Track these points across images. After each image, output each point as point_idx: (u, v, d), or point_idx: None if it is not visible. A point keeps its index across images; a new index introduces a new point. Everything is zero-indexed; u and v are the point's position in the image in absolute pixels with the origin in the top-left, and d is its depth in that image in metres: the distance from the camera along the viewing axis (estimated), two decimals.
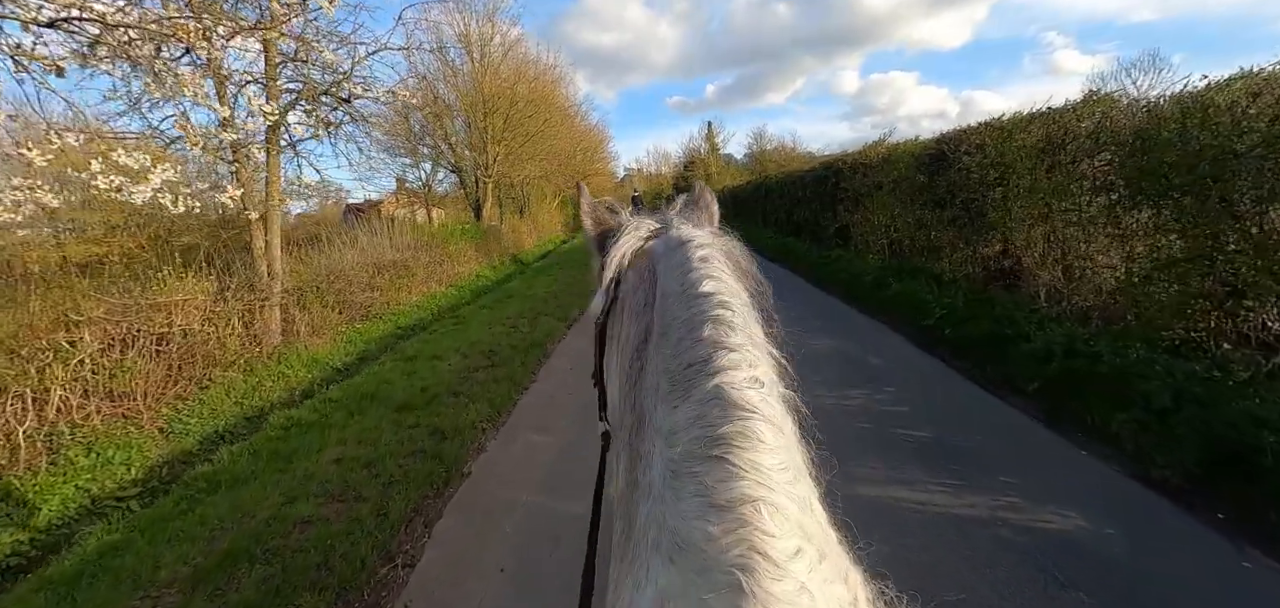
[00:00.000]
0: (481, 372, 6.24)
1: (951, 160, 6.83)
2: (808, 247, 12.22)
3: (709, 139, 48.41)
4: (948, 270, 7.14)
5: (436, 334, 8.85)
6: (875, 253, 9.24)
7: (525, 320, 8.74)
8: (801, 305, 8.13)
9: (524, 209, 27.83)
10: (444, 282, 14.80)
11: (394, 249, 12.58)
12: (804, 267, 11.15)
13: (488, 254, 18.64)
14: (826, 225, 11.36)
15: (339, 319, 10.20)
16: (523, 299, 10.74)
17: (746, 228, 19.66)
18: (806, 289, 9.54)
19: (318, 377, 7.91)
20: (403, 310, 11.73)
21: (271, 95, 8.37)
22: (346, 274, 10.41)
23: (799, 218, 13.64)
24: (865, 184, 9.64)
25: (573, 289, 11.31)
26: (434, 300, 13.03)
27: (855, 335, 6.35)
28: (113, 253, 17.03)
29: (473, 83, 18.98)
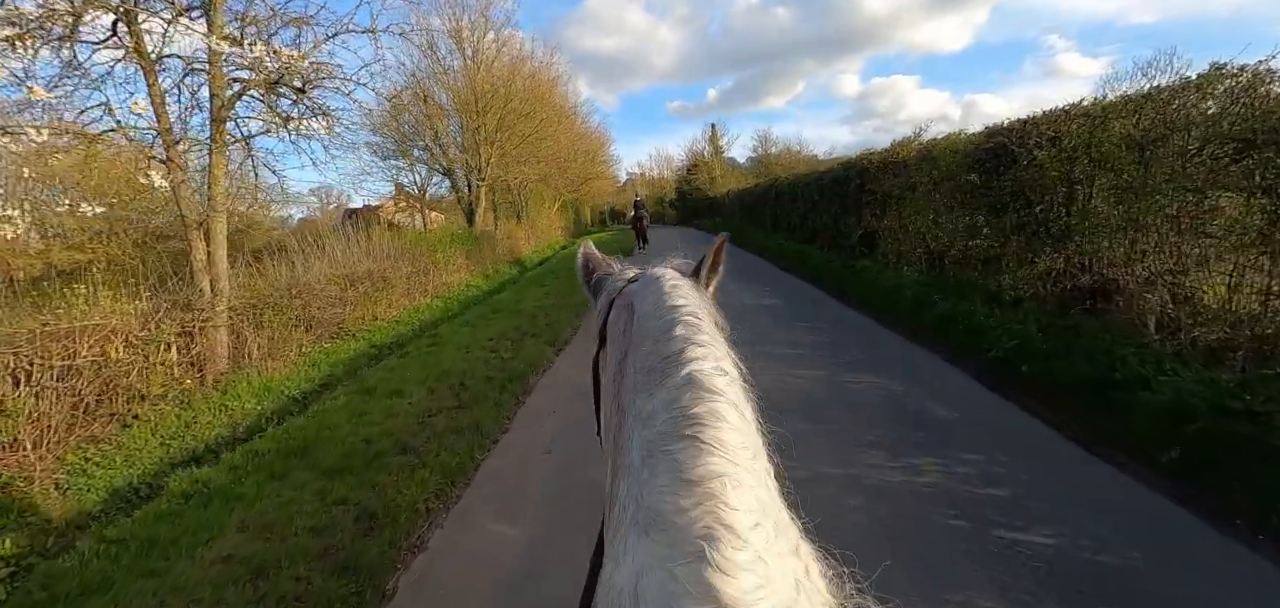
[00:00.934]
0: (444, 415, 5.08)
1: (1015, 155, 5.63)
2: (827, 256, 11.03)
3: (712, 141, 47.29)
4: (1007, 288, 5.95)
5: (407, 358, 7.70)
6: (911, 264, 8.05)
7: (508, 342, 7.58)
8: (830, 327, 6.95)
9: (521, 214, 26.72)
10: (430, 292, 13.70)
11: (371, 258, 11.45)
12: (825, 278, 9.96)
13: (480, 262, 17.55)
14: (849, 232, 10.18)
15: (305, 338, 9.07)
16: (510, 315, 9.59)
17: (755, 234, 18.49)
18: (831, 305, 8.35)
19: (269, 408, 6.78)
20: (379, 327, 10.62)
21: (215, 84, 7.26)
22: (312, 288, 9.27)
23: (815, 223, 12.45)
24: (897, 185, 8.45)
25: (566, 302, 10.16)
26: (417, 314, 11.93)
27: (904, 370, 5.16)
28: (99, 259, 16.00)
29: (465, 81, 17.89)
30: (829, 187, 11.28)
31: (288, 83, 7.20)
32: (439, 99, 18.05)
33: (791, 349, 6.02)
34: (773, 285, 10.30)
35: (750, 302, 8.87)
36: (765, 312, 8.13)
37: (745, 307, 8.45)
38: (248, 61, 7.25)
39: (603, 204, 55.92)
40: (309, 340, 9.14)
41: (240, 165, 9.00)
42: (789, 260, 12.74)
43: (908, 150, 8.54)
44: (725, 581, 0.44)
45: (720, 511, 0.48)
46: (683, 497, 0.50)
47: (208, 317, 7.24)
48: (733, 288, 10.10)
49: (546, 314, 9.24)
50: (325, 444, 4.70)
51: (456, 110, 18.03)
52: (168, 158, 6.92)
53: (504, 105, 17.56)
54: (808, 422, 4.14)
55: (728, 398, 0.60)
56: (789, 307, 8.40)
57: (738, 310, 8.25)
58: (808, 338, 6.45)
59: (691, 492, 0.50)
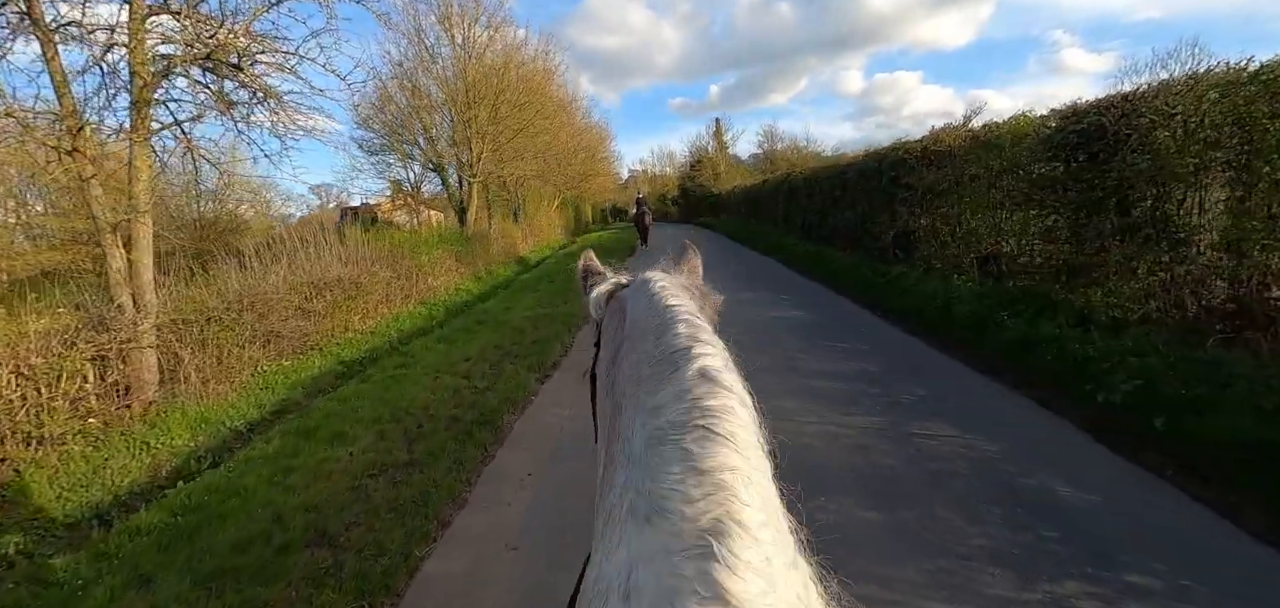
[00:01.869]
0: (386, 477, 3.90)
1: (1122, 138, 4.41)
2: (852, 259, 9.80)
3: (717, 137, 46.00)
4: (1101, 306, 4.74)
5: (368, 384, 6.53)
6: (961, 271, 6.82)
7: (486, 366, 6.40)
8: (872, 348, 5.73)
9: (518, 212, 25.53)
10: (414, 298, 12.53)
11: (343, 263, 10.28)
12: (852, 285, 8.74)
13: (471, 264, 16.38)
14: (880, 232, 8.95)
15: (262, 355, 7.92)
16: (494, 329, 8.41)
17: (765, 232, 17.25)
18: (865, 320, 7.13)
19: (204, 444, 5.66)
20: (351, 340, 9.46)
21: (135, 60, 6.10)
22: (268, 299, 8.10)
23: (836, 222, 11.22)
24: (941, 179, 7.23)
25: (558, 313, 8.97)
26: (396, 323, 10.76)
27: (988, 417, 3.95)
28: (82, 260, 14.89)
29: (454, 70, 16.69)
30: (853, 181, 10.05)
31: (220, 58, 6.02)
32: (428, 90, 16.86)
33: (832, 380, 4.81)
34: (792, 292, 9.09)
35: (770, 313, 7.66)
36: (789, 326, 6.92)
37: (765, 320, 7.25)
38: (176, 35, 6.08)
39: (604, 202, 54.65)
40: (266, 358, 7.99)
41: (183, 158, 7.83)
42: (806, 263, 11.51)
43: (953, 137, 7.31)
44: (734, 580, 0.40)
45: (732, 505, 0.45)
46: (693, 487, 0.47)
47: (129, 337, 6.07)
48: (747, 296, 8.89)
49: (535, 328, 8.05)
50: (223, 523, 3.53)
51: (446, 102, 16.83)
52: (73, 148, 5.75)
53: (496, 97, 16.36)
54: (878, 507, 2.95)
55: (739, 396, 0.58)
56: (816, 320, 7.19)
57: (756, 324, 7.05)
58: (848, 364, 5.24)
59: (703, 482, 0.47)
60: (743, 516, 0.44)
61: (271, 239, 11.18)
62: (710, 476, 0.47)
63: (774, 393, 4.59)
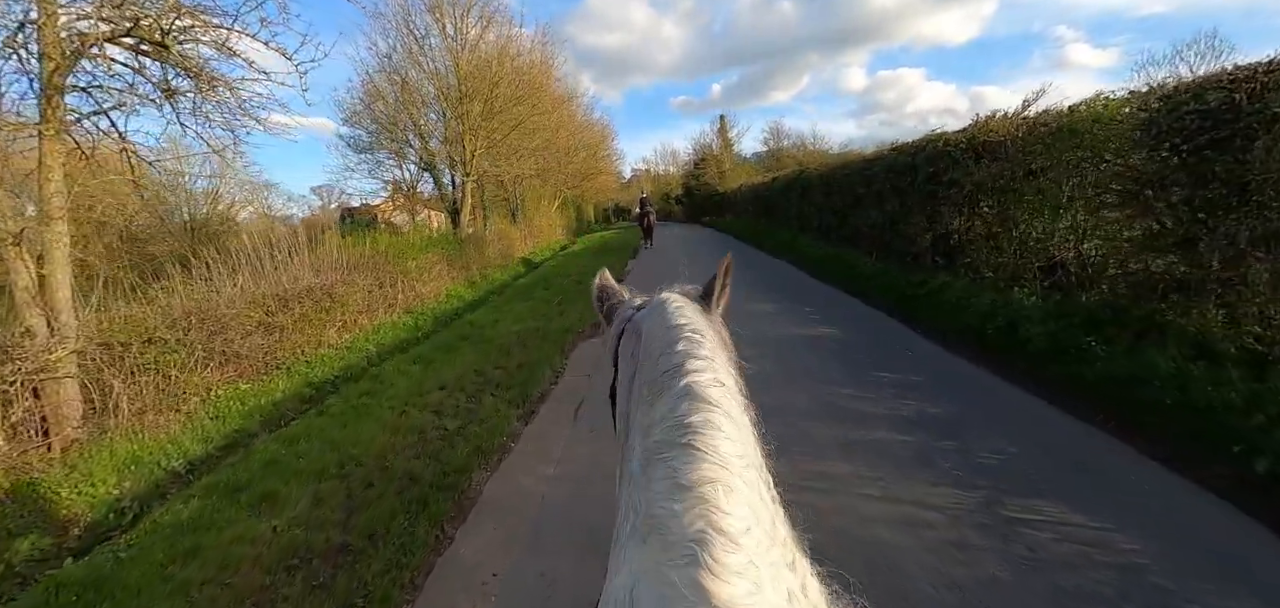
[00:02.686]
0: (307, 570, 2.93)
1: (1268, 118, 3.40)
2: (881, 265, 8.78)
3: (722, 134, 44.93)
4: (1222, 333, 3.72)
5: (326, 417, 5.58)
6: (1022, 283, 5.81)
7: (462, 397, 5.43)
8: (929, 382, 4.71)
9: (517, 213, 24.56)
10: (399, 307, 11.59)
11: (314, 271, 9.33)
12: (883, 296, 7.73)
13: (465, 268, 15.44)
14: (914, 235, 7.92)
15: (216, 378, 6.98)
16: (478, 347, 7.43)
17: (778, 234, 16.22)
18: (910, 341, 6.12)
19: (133, 489, 4.74)
20: (324, 356, 8.52)
21: (45, 39, 5.16)
22: (220, 314, 7.15)
23: (860, 223, 10.19)
24: (994, 174, 6.21)
25: (552, 327, 7.98)
26: (376, 335, 9.82)
27: (1105, 494, 2.94)
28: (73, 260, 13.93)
29: (446, 62, 15.73)
30: (881, 179, 9.02)
31: (143, 35, 5.07)
32: (418, 84, 15.90)
33: (890, 428, 3.81)
34: (814, 303, 8.08)
35: (793, 328, 6.66)
36: (819, 347, 5.91)
37: (790, 339, 6.24)
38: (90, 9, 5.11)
39: (606, 201, 53.63)
40: (221, 381, 7.04)
41: (120, 152, 6.89)
42: (826, 268, 10.48)
43: (1006, 126, 6.29)
44: (718, 584, 0.44)
45: (712, 515, 0.49)
46: (677, 502, 0.51)
47: (39, 367, 5.13)
48: (766, 307, 7.89)
49: (523, 347, 7.07)
50: None
51: (437, 96, 15.87)
52: None
53: (490, 91, 15.39)
54: None
55: (723, 409, 0.61)
56: (850, 339, 6.18)
57: (779, 343, 6.04)
58: (905, 403, 4.24)
59: (685, 496, 0.51)
60: (724, 524, 0.48)
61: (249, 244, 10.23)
62: (693, 490, 0.52)
63: (818, 447, 3.59)
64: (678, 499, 0.51)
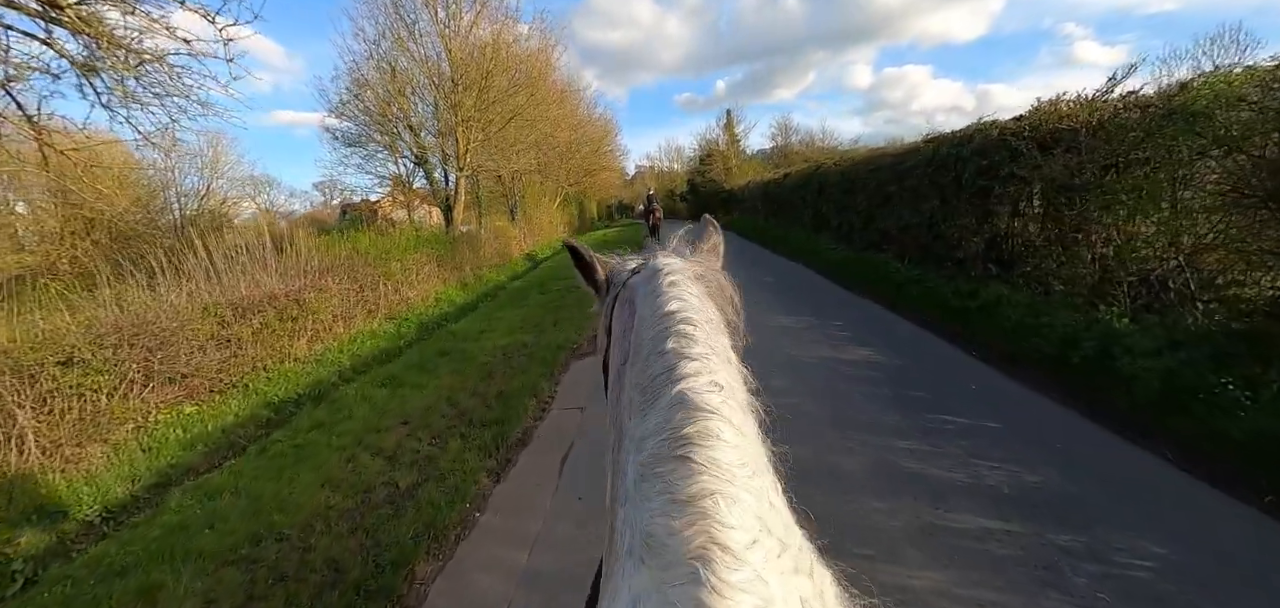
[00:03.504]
0: None
1: None
2: (914, 271, 7.75)
3: (728, 129, 43.77)
4: None
5: (264, 459, 4.62)
6: (1104, 298, 4.77)
7: (425, 436, 4.44)
8: (1015, 435, 3.67)
9: (516, 210, 23.58)
10: (382, 312, 10.64)
11: (282, 276, 8.36)
12: (926, 310, 6.70)
13: (458, 269, 14.49)
14: (960, 238, 6.88)
15: (156, 400, 6.05)
16: (456, 365, 6.44)
17: (792, 234, 15.17)
18: (966, 367, 5.09)
19: (29, 546, 3.84)
20: (287, 372, 7.59)
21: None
22: (160, 327, 6.20)
23: (889, 224, 9.14)
24: (1069, 167, 5.17)
25: (542, 345, 6.98)
26: (352, 345, 8.88)
27: None
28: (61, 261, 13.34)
29: (437, 47, 14.74)
30: (918, 174, 7.97)
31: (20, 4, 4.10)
32: (408, 72, 14.90)
33: (984, 511, 2.79)
34: (845, 317, 7.05)
35: (826, 350, 5.63)
36: (861, 378, 4.89)
37: (823, 364, 5.22)
38: None
39: (610, 198, 52.59)
40: (163, 404, 6.11)
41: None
42: (851, 274, 9.44)
43: (1084, 110, 5.24)
44: (721, 603, 0.42)
45: (713, 530, 0.47)
46: (675, 518, 0.49)
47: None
48: (788, 321, 6.87)
49: (507, 368, 6.07)
50: None
51: (428, 85, 14.87)
52: None
53: (484, 79, 14.38)
54: None
55: (722, 415, 0.58)
56: (897, 366, 5.16)
57: (812, 370, 5.03)
58: (992, 469, 3.21)
59: (684, 513, 0.49)
60: (726, 538, 0.46)
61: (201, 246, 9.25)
62: (691, 505, 0.49)
63: (887, 542, 2.58)
64: (675, 515, 0.49)
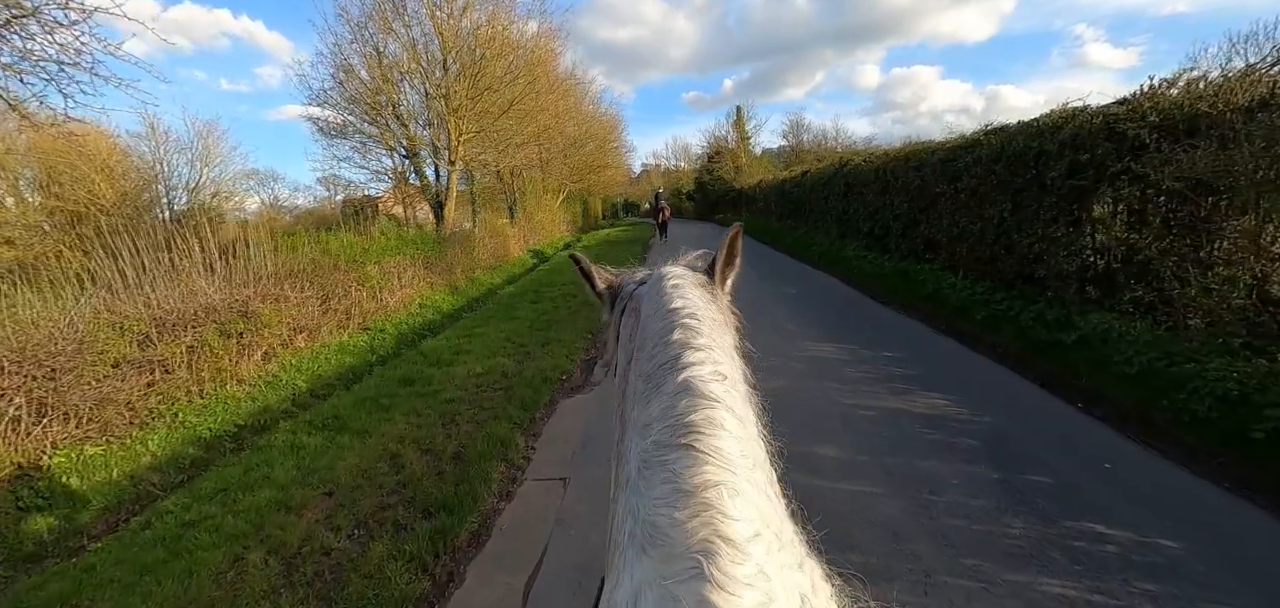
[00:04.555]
0: None
1: None
2: (976, 287, 6.43)
3: (738, 127, 42.33)
4: None
5: (108, 562, 3.38)
6: (1263, 335, 3.46)
7: (345, 521, 3.20)
8: (1194, 558, 2.39)
9: (515, 208, 22.34)
10: (356, 322, 9.44)
11: (221, 284, 7.12)
12: (1004, 342, 5.40)
13: (447, 272, 13.27)
14: (1044, 252, 5.55)
15: (54, 438, 4.92)
16: (417, 404, 5.18)
17: (808, 237, 13.85)
18: (1074, 425, 3.78)
19: None
20: (229, 399, 6.41)
21: None
22: (49, 351, 4.99)
23: (935, 232, 7.82)
24: (1222, 165, 3.84)
25: (524, 375, 5.71)
26: (314, 363, 7.71)
27: None
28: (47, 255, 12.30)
29: (427, 28, 13.49)
30: (979, 170, 6.62)
31: None
32: (394, 56, 13.68)
33: None
34: (902, 347, 5.73)
35: (889, 400, 4.32)
36: (952, 453, 3.57)
37: (887, 421, 3.92)
38: None
39: (616, 196, 51.28)
40: (62, 441, 4.97)
41: None
42: (892, 290, 8.13)
43: (1231, 91, 3.92)
44: (725, 598, 0.42)
45: (717, 522, 0.46)
46: (678, 509, 0.48)
47: None
48: (832, 355, 5.57)
49: (478, 407, 4.81)
50: None
51: (416, 72, 13.63)
52: None
53: (477, 66, 13.13)
54: None
55: (725, 405, 0.58)
56: (993, 431, 3.84)
57: (875, 430, 3.72)
58: None
59: (688, 503, 0.48)
60: (730, 531, 0.45)
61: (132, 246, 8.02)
62: (696, 494, 0.48)
63: None
64: (680, 506, 0.48)
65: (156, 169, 25.53)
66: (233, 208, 28.79)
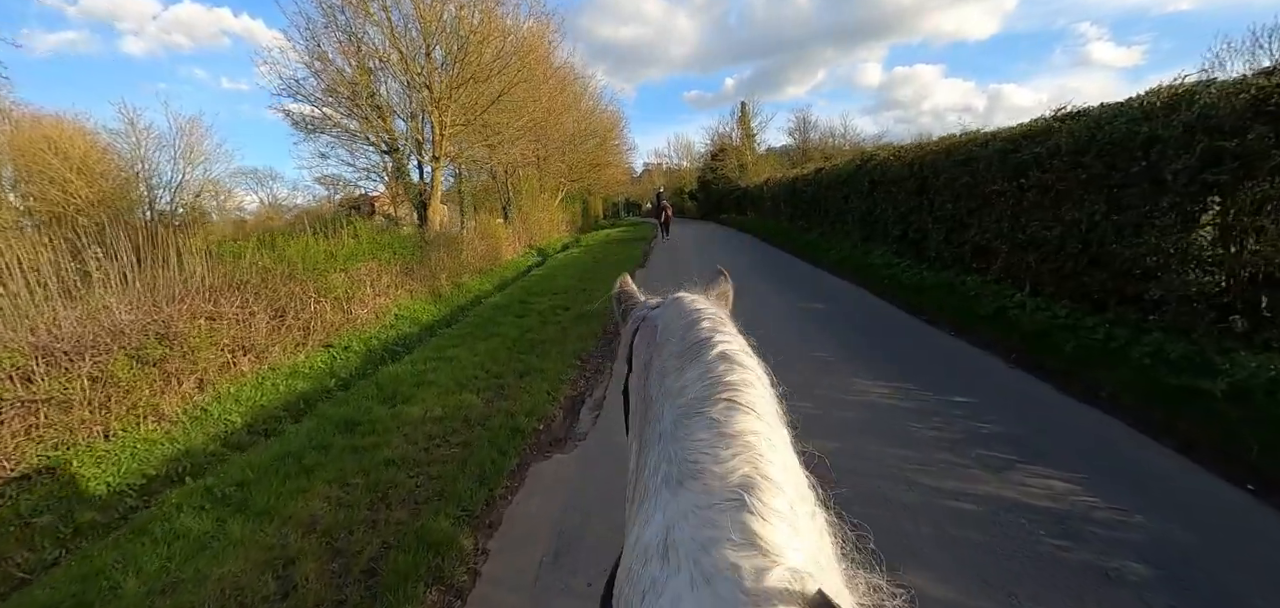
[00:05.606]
0: None
1: None
2: (1055, 311, 5.21)
3: (743, 123, 41.04)
4: None
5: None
6: None
7: None
8: None
9: (509, 208, 21.13)
10: (317, 338, 8.28)
11: (135, 301, 5.93)
12: (1089, 372, 4.18)
13: (430, 278, 12.11)
14: (1165, 269, 4.31)
15: None
16: (348, 460, 3.97)
17: (824, 241, 12.62)
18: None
19: None
20: (138, 443, 5.26)
21: None
22: None
23: (991, 237, 6.59)
24: None
25: (493, 422, 4.50)
26: (260, 391, 6.56)
27: None
28: None
29: (407, 10, 12.29)
30: (1062, 162, 5.39)
31: None
32: (373, 42, 12.48)
33: None
34: (986, 401, 4.51)
35: (990, 486, 3.11)
36: None
37: (1033, 547, 2.73)
38: None
39: (616, 195, 50.00)
40: None
41: None
42: (933, 304, 6.90)
43: None
44: (766, 527, 0.44)
45: (760, 462, 0.49)
46: (722, 448, 0.51)
47: None
48: (908, 406, 4.34)
49: (428, 474, 3.59)
50: None
51: (396, 62, 12.43)
52: None
53: (461, 51, 11.93)
54: None
55: (757, 373, 0.63)
56: (1176, 546, 2.64)
57: (986, 540, 2.49)
58: None
59: (731, 444, 0.51)
60: (770, 471, 0.49)
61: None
62: (738, 438, 0.52)
63: None
64: (723, 446, 0.51)
65: (137, 167, 24.39)
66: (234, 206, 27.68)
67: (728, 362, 0.62)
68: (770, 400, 0.60)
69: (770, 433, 0.54)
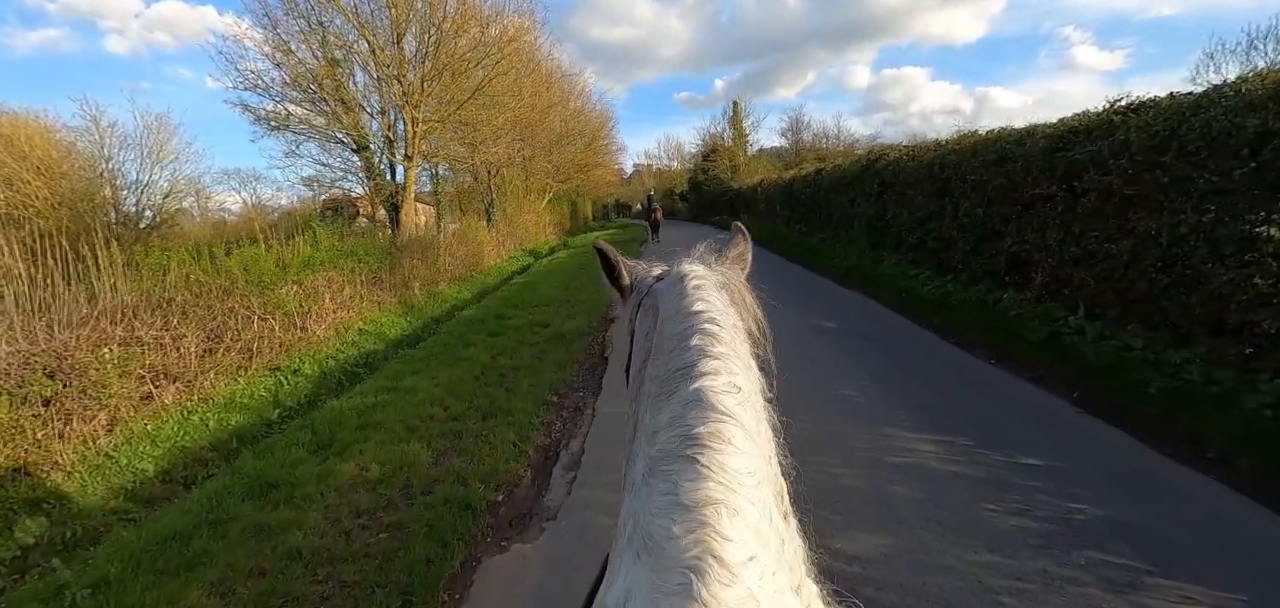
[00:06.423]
0: None
1: None
2: (1126, 342, 4.35)
3: (735, 123, 40.24)
4: None
5: None
6: None
7: None
8: None
9: (492, 210, 20.09)
10: (265, 359, 7.29)
11: (12, 328, 4.91)
12: (1183, 416, 3.32)
13: (401, 287, 11.10)
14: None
15: None
16: (249, 558, 3.00)
17: (825, 247, 11.77)
18: None
19: None
20: (22, 501, 4.19)
21: None
22: None
23: (1031, 249, 5.75)
24: None
25: (451, 483, 3.57)
26: (182, 429, 5.56)
27: None
28: None
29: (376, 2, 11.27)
30: (1132, 162, 4.55)
31: None
32: (339, 31, 11.45)
33: None
34: (1063, 462, 3.63)
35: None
36: None
37: None
38: None
39: (606, 197, 49.01)
40: None
41: None
42: (960, 323, 6.04)
43: None
44: None
45: (711, 541, 0.45)
46: (676, 522, 0.48)
47: None
48: (954, 470, 3.43)
49: (342, 580, 2.67)
50: None
51: (364, 49, 11.40)
52: None
53: (438, 39, 10.94)
54: None
55: (736, 419, 0.56)
56: None
57: None
58: None
59: (685, 517, 0.48)
60: (723, 551, 0.44)
61: None
62: (693, 511, 0.47)
63: None
64: (676, 519, 0.47)
65: (102, 168, 23.04)
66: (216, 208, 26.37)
67: (701, 407, 0.55)
68: (748, 451, 0.53)
69: (736, 501, 0.47)
